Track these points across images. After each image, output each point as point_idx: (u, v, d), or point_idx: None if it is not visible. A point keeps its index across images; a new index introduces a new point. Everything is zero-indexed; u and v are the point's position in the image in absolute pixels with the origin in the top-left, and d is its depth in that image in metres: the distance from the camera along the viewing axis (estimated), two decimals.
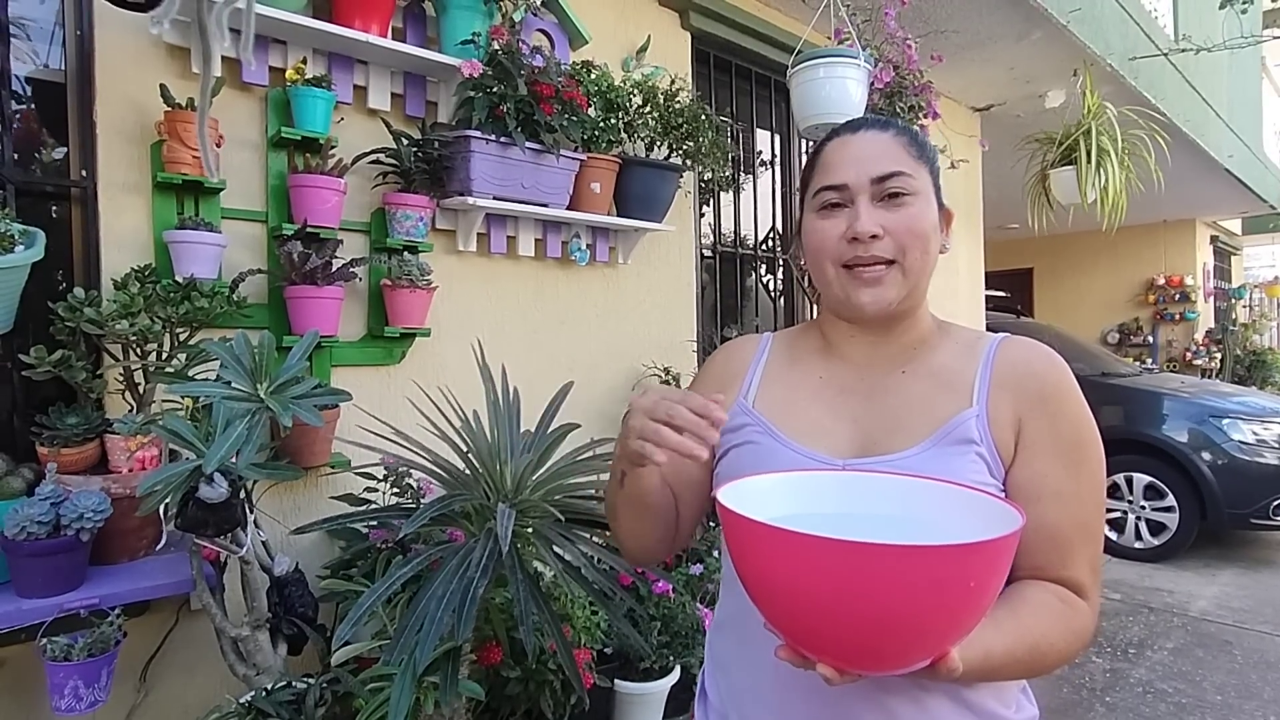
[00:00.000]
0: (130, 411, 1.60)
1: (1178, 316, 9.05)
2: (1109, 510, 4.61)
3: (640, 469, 0.77)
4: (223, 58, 1.76)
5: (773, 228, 3.60)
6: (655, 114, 2.55)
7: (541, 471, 1.65)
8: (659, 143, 2.61)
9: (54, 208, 1.73)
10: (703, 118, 2.59)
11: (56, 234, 1.63)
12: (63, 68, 1.72)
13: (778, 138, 3.63)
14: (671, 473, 0.88)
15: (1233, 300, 10.36)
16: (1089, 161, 3.83)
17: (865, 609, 0.52)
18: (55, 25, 1.72)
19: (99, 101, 1.70)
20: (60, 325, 1.53)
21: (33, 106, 1.73)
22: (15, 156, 1.67)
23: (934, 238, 0.82)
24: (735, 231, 3.42)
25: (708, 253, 3.26)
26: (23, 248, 1.44)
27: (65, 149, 1.73)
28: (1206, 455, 4.35)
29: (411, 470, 1.92)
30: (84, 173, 1.71)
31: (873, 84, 2.75)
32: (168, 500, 1.33)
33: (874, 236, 0.79)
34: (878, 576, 0.51)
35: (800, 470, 0.73)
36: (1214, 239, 9.82)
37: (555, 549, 1.52)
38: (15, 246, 1.43)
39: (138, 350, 1.60)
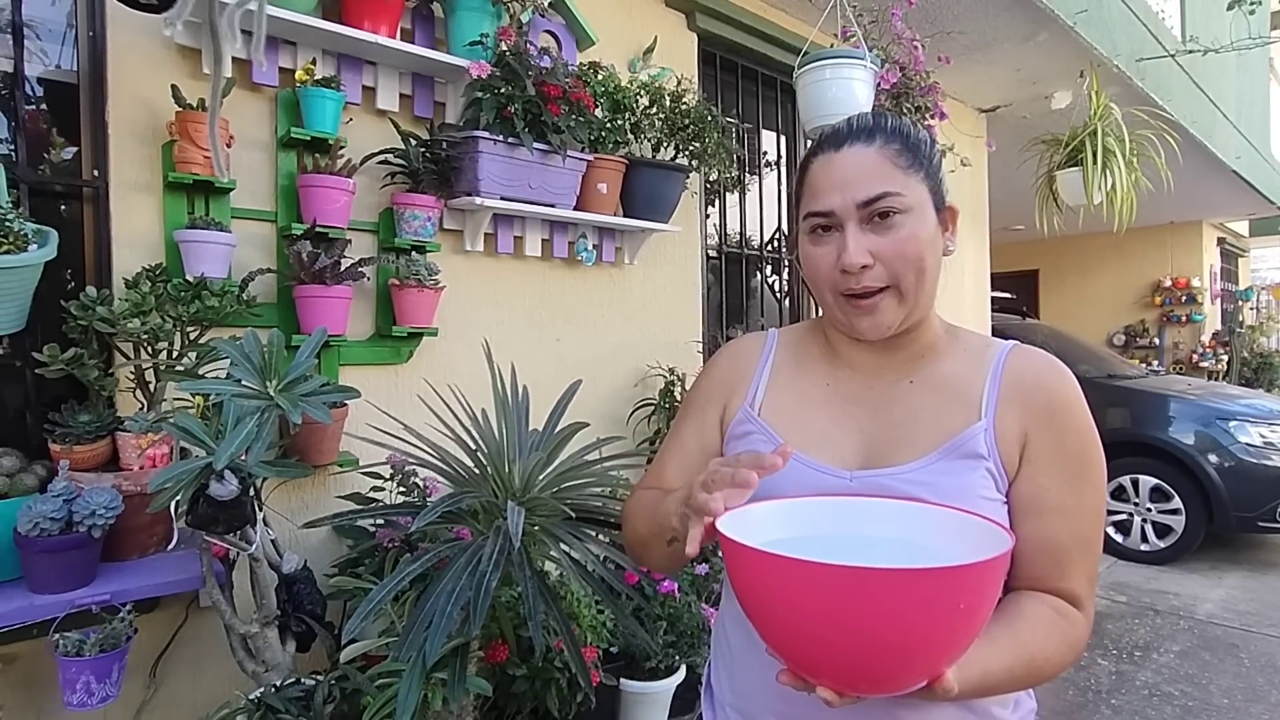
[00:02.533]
0: (141, 409, 1.61)
1: (1184, 318, 9.02)
2: (1115, 513, 4.60)
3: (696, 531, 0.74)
4: (233, 59, 1.77)
5: (778, 228, 3.61)
6: (661, 115, 2.56)
7: (549, 470, 1.66)
8: (665, 143, 2.62)
9: (66, 207, 1.75)
10: (709, 119, 2.60)
11: (69, 233, 1.64)
12: (75, 68, 1.74)
13: (783, 139, 3.63)
14: None
15: (1240, 302, 10.30)
16: (1095, 163, 3.82)
17: (858, 632, 0.53)
18: (68, 26, 1.73)
19: (111, 102, 1.71)
20: (72, 324, 1.54)
21: (45, 107, 1.74)
22: (28, 156, 1.68)
23: (930, 253, 0.79)
24: (741, 232, 3.42)
25: (713, 253, 3.26)
26: (36, 247, 1.45)
27: (77, 149, 1.75)
28: (1213, 458, 4.33)
29: (418, 470, 1.93)
30: (96, 172, 1.72)
31: (879, 85, 2.75)
32: (178, 497, 1.34)
33: (864, 266, 0.76)
34: (867, 600, 0.52)
35: (800, 497, 0.74)
36: (1221, 241, 9.79)
37: (563, 547, 1.52)
38: (29, 246, 1.44)
39: (149, 348, 1.61)
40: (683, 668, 2.20)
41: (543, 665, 1.78)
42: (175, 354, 1.64)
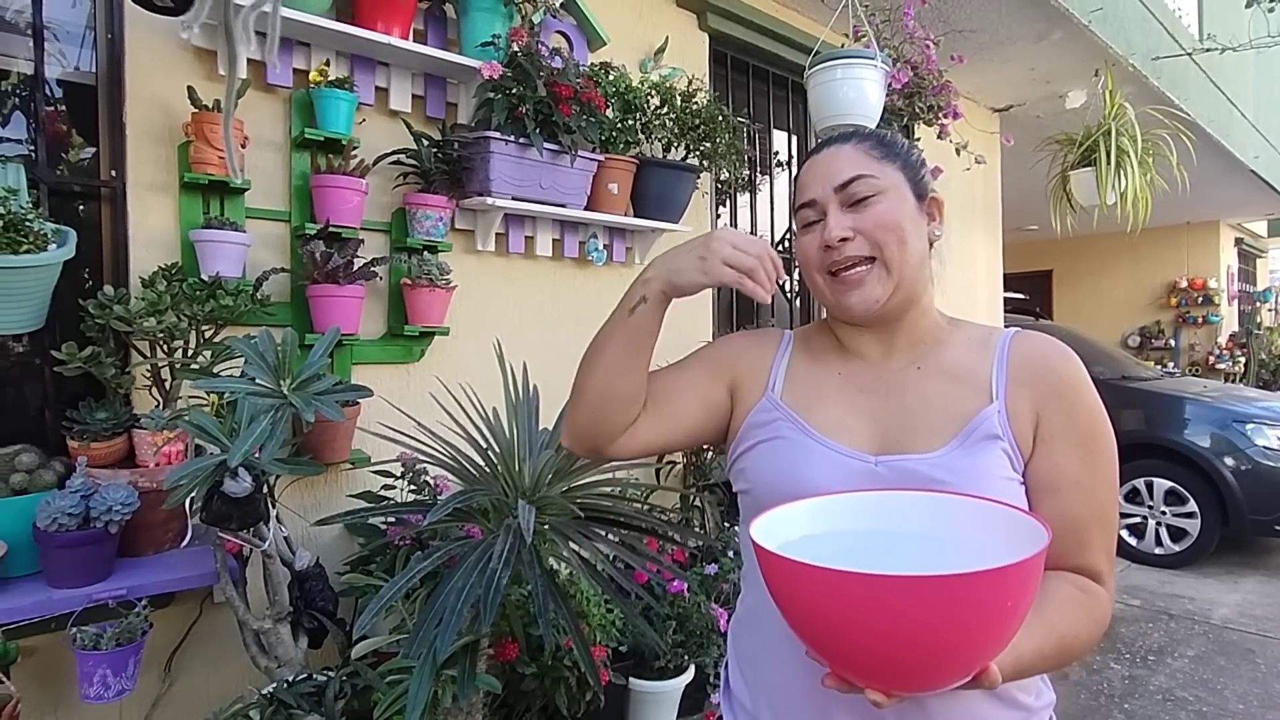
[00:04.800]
0: (157, 407, 1.63)
1: (1200, 320, 8.92)
2: (1129, 515, 4.56)
3: (662, 303, 0.85)
4: (248, 60, 1.79)
5: (789, 228, 3.60)
6: (672, 115, 2.56)
7: (559, 469, 1.66)
8: (676, 144, 2.62)
9: (84, 207, 1.77)
10: (720, 119, 2.60)
11: (86, 233, 1.67)
12: (94, 70, 1.76)
13: (795, 139, 3.63)
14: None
15: (1257, 304, 10.18)
16: (1108, 162, 3.79)
17: (911, 638, 0.54)
18: (87, 28, 1.76)
19: (128, 103, 1.73)
20: (90, 322, 1.56)
21: (64, 108, 1.76)
22: (48, 157, 1.71)
23: (911, 227, 0.83)
24: (752, 232, 3.42)
25: None
26: (55, 246, 1.47)
27: (95, 149, 1.77)
28: (1229, 461, 4.28)
29: (429, 468, 1.94)
30: (113, 173, 1.74)
31: (890, 84, 2.74)
32: (193, 494, 1.35)
33: (844, 239, 0.82)
34: (921, 607, 0.52)
35: (829, 488, 0.76)
36: (1238, 241, 9.67)
37: (572, 546, 1.53)
38: (48, 245, 1.46)
39: (165, 347, 1.63)
40: (691, 667, 2.20)
41: (552, 664, 1.79)
42: (191, 352, 1.66)
